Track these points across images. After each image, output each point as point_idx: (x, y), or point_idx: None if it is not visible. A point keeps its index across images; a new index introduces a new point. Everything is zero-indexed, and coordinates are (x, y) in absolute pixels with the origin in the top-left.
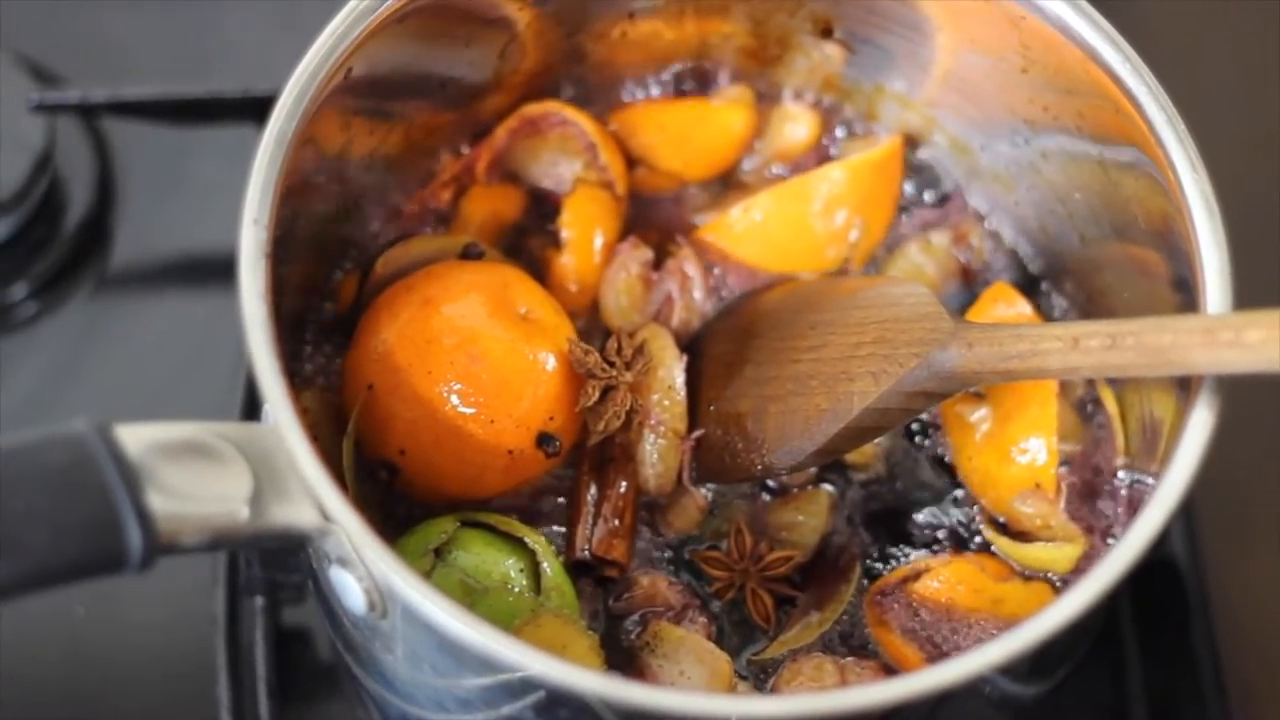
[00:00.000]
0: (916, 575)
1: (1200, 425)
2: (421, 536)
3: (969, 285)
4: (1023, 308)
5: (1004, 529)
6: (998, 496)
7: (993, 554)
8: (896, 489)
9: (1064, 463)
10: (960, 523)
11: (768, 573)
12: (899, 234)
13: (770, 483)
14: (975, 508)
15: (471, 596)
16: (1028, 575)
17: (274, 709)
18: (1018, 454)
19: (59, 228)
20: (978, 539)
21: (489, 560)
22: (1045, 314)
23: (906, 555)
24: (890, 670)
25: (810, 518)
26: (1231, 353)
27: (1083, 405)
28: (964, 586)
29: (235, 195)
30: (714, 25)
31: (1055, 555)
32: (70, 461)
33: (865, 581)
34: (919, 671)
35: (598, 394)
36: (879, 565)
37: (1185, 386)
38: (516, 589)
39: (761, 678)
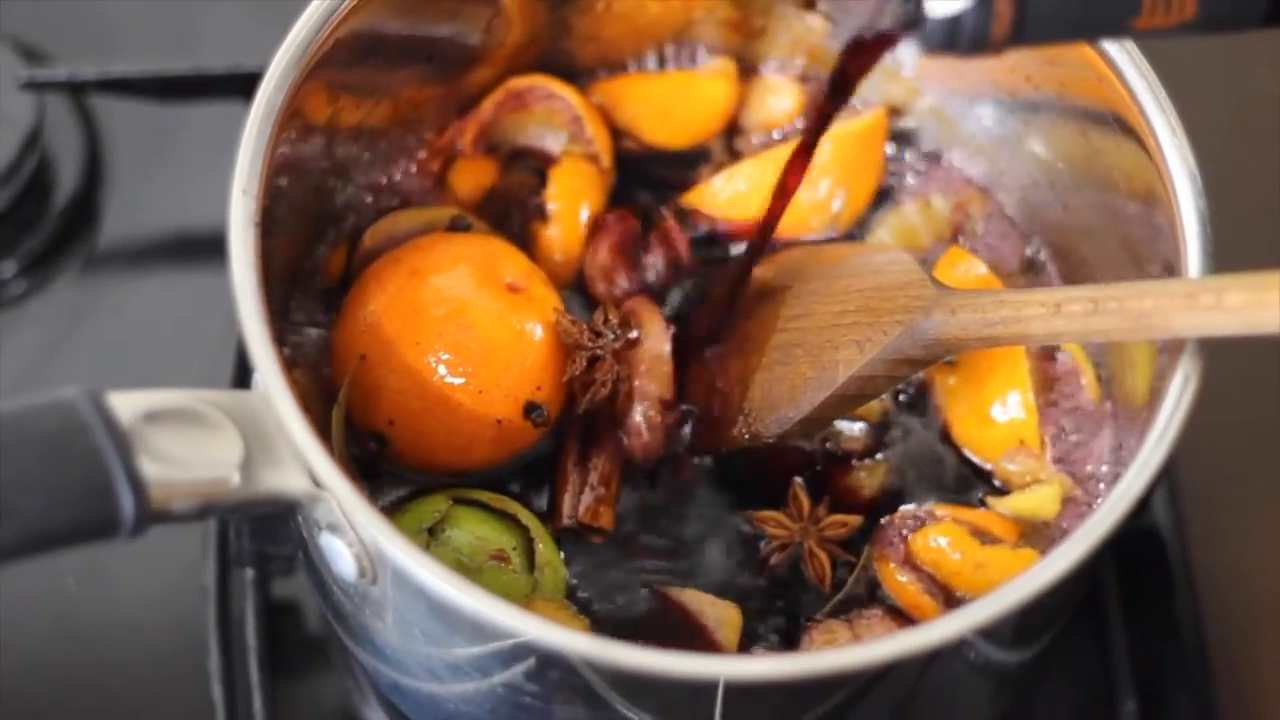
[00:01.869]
0: (916, 524)
1: (1182, 388)
2: (414, 515)
3: None
4: (979, 269)
5: (1000, 489)
6: (986, 458)
7: (997, 512)
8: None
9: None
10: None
11: (826, 533)
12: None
13: (829, 447)
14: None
15: (466, 574)
16: (1020, 541)
17: (265, 680)
18: (998, 414)
19: (48, 205)
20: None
21: (483, 538)
22: (1033, 282)
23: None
24: (896, 612)
25: (869, 490)
26: (1213, 316)
27: (1052, 354)
28: (949, 548)
29: (223, 171)
30: None
31: (1038, 499)
32: (62, 427)
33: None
34: (896, 635)
35: (584, 364)
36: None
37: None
38: (510, 566)
39: None
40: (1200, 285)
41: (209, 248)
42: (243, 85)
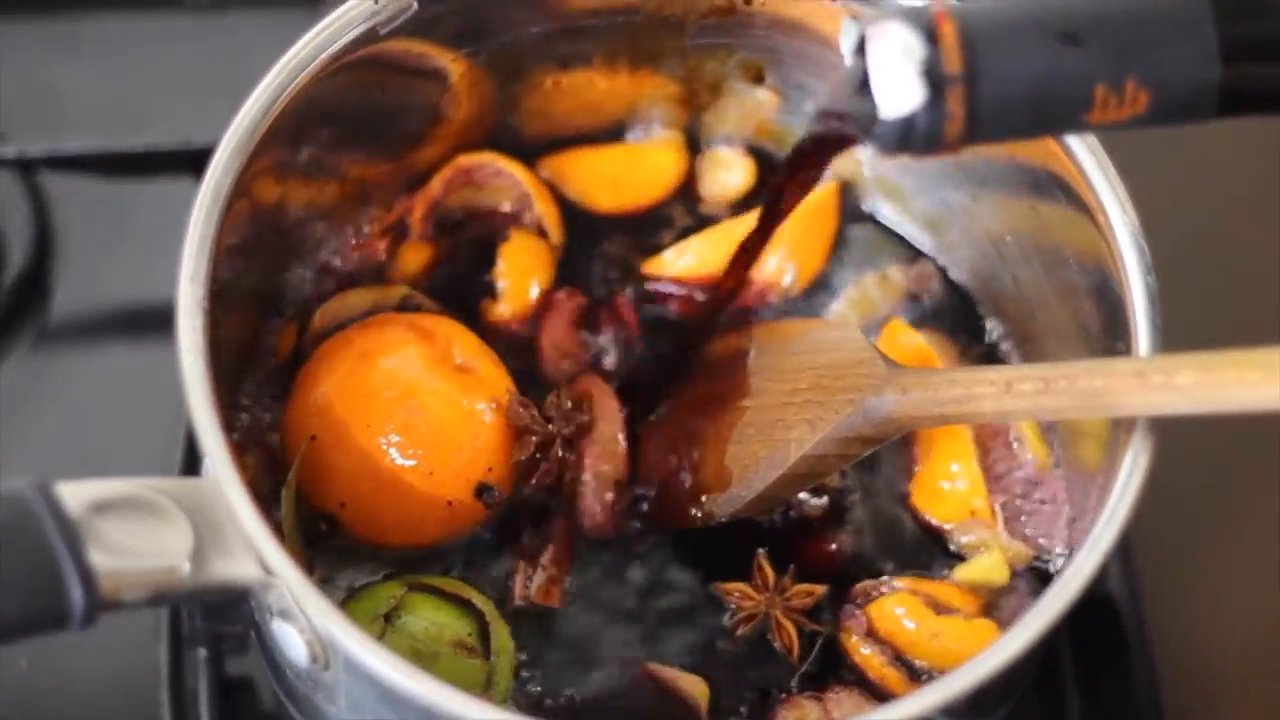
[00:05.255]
0: (873, 595)
1: (1134, 466)
2: (369, 602)
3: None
4: (917, 339)
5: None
6: (944, 530)
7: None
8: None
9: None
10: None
11: (792, 603)
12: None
13: (792, 515)
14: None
15: (422, 661)
16: (982, 609)
17: None
18: (947, 485)
19: None
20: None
21: (439, 624)
22: (986, 355)
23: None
24: (865, 685)
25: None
26: (1164, 395)
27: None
28: (905, 617)
29: (174, 247)
30: (646, 73)
31: (985, 567)
32: (11, 521)
33: None
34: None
35: (533, 448)
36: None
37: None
38: (467, 652)
39: None
40: (1151, 365)
41: (160, 322)
42: (192, 161)
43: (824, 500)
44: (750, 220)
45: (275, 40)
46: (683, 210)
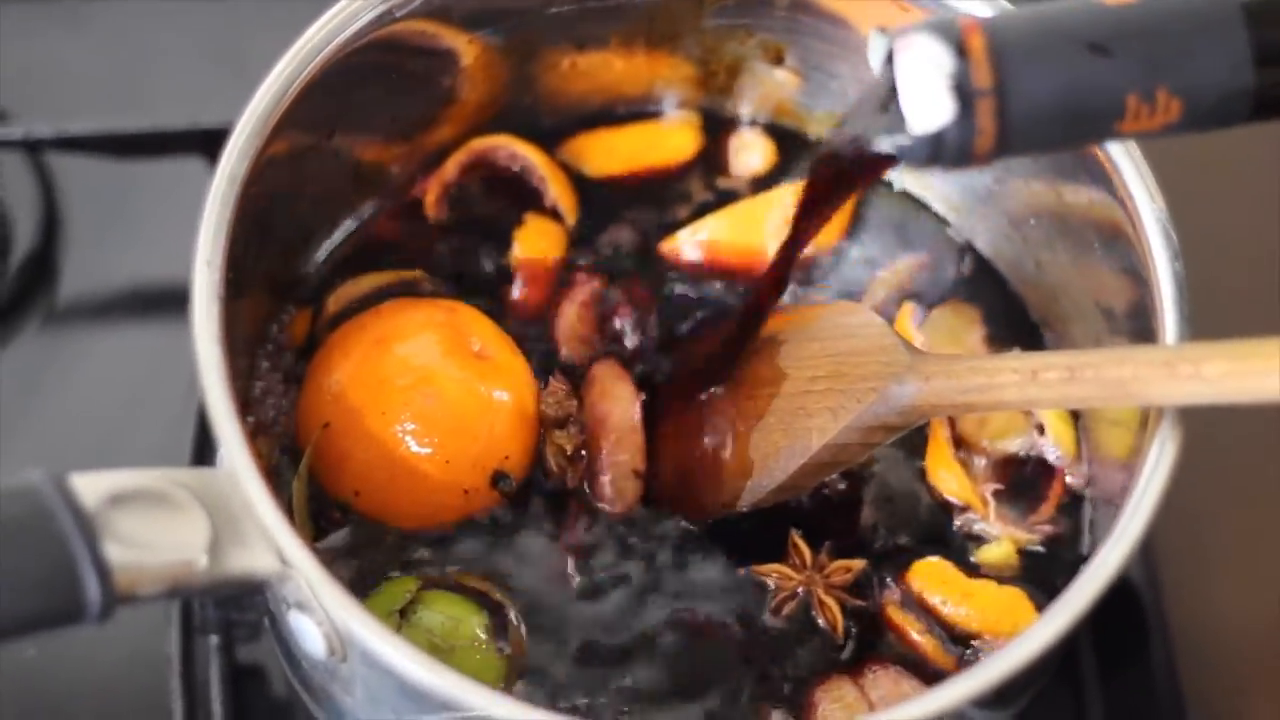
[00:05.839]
0: (907, 562)
1: (1161, 457)
2: (385, 598)
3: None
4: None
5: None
6: (953, 508)
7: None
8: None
9: (997, 476)
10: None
11: (832, 580)
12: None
13: (825, 492)
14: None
15: (439, 655)
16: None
17: None
18: (940, 477)
19: (5, 263)
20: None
21: (455, 618)
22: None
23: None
24: (902, 660)
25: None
26: (1191, 385)
27: None
28: (939, 576)
29: (183, 227)
30: (664, 54)
31: (996, 555)
32: (26, 514)
33: None
34: (878, 714)
35: (579, 437)
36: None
37: None
38: (484, 646)
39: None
40: (1178, 354)
41: (169, 304)
42: (201, 142)
43: (853, 479)
44: (769, 200)
45: (284, 19)
46: (701, 186)
